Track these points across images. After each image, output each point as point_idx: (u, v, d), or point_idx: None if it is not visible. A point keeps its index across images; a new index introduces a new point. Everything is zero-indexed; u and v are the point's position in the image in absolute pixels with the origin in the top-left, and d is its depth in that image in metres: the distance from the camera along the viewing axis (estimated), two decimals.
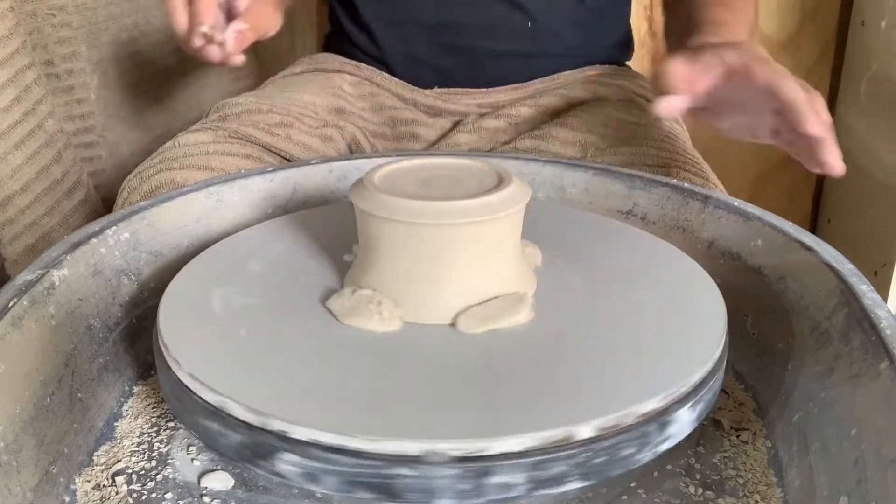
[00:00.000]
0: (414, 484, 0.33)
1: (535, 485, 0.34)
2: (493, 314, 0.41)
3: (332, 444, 0.33)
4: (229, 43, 0.62)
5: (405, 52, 0.81)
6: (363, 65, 0.82)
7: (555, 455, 0.33)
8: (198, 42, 0.61)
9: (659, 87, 0.56)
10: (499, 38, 0.79)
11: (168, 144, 0.67)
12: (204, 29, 0.60)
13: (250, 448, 0.35)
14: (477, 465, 0.33)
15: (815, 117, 0.50)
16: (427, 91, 0.81)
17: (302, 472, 0.34)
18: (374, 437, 0.33)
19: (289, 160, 0.69)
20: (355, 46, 0.84)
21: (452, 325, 0.41)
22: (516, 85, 0.80)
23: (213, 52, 0.61)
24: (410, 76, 0.81)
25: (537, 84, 0.81)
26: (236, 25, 0.62)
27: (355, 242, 0.48)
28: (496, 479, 0.33)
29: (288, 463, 0.34)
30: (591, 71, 0.83)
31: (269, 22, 0.68)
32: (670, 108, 0.55)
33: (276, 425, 0.34)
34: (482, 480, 0.33)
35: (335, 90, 0.79)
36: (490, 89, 0.80)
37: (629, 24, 0.88)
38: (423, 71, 0.81)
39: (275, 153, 0.69)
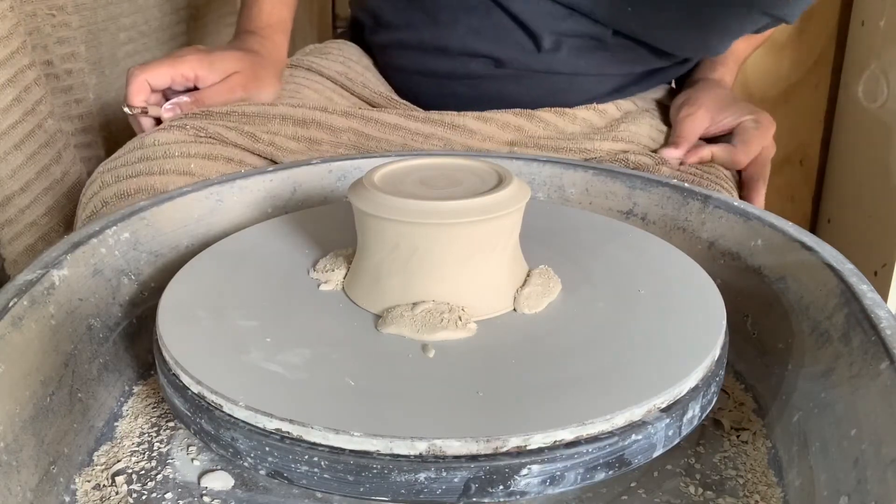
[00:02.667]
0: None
1: (544, 484, 0.34)
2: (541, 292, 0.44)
3: (334, 446, 0.33)
4: (163, 114, 0.68)
5: (439, 105, 0.79)
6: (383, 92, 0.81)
7: (558, 454, 0.33)
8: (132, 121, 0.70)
9: (674, 137, 0.75)
10: (538, 105, 0.78)
11: (147, 140, 0.63)
12: (126, 110, 0.69)
13: (253, 448, 0.35)
14: (489, 465, 0.33)
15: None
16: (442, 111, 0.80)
17: (304, 474, 0.34)
18: (398, 437, 0.33)
19: (274, 162, 0.68)
20: (379, 68, 0.83)
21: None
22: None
23: (145, 123, 0.70)
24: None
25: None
26: (177, 99, 0.69)
27: (337, 246, 0.48)
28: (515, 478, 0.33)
29: (296, 465, 0.34)
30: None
31: (225, 99, 0.72)
32: (674, 164, 0.73)
33: (280, 426, 0.34)
34: (502, 480, 0.33)
35: (330, 103, 0.78)
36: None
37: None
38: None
39: (257, 155, 0.68)
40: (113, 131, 0.90)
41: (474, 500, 0.33)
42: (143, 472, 0.41)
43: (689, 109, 0.76)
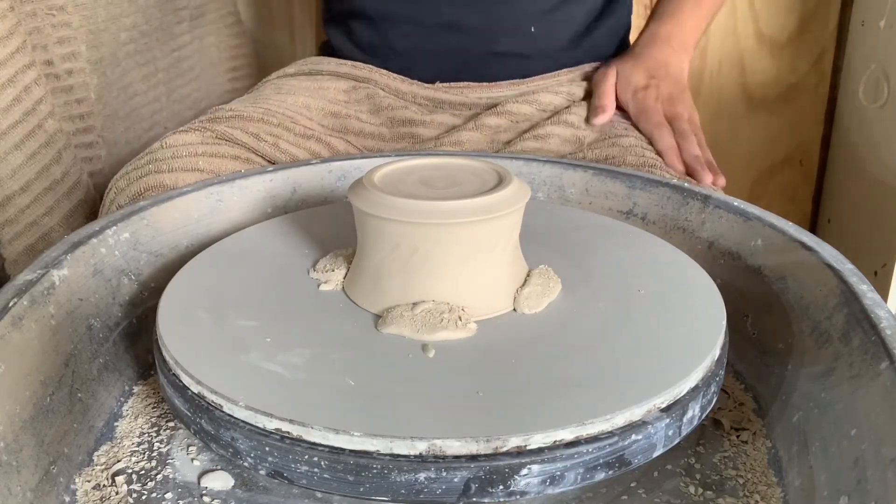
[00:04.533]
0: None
1: (544, 484, 0.34)
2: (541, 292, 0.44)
3: (334, 446, 0.33)
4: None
5: (405, 48, 0.82)
6: (360, 63, 0.82)
7: (558, 454, 0.33)
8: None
9: (594, 100, 0.77)
10: (499, 40, 0.80)
11: (155, 145, 0.66)
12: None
13: (253, 448, 0.35)
14: (489, 465, 0.33)
15: (676, 159, 0.69)
16: (427, 84, 0.81)
17: (304, 474, 0.34)
18: (398, 437, 0.33)
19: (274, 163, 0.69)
20: (353, 43, 0.84)
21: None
22: (517, 81, 0.81)
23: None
24: (410, 72, 0.82)
25: (538, 80, 0.81)
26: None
27: (337, 246, 0.48)
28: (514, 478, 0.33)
29: (296, 465, 0.34)
30: (590, 68, 0.84)
31: None
32: (602, 122, 0.75)
33: (280, 426, 0.34)
34: (502, 480, 0.33)
35: (329, 98, 0.79)
36: (491, 84, 0.81)
37: (629, 24, 0.89)
38: (423, 67, 0.81)
39: (261, 156, 0.69)
40: (113, 131, 0.90)
41: (474, 500, 0.33)
42: (143, 472, 0.41)
43: (602, 69, 0.81)
